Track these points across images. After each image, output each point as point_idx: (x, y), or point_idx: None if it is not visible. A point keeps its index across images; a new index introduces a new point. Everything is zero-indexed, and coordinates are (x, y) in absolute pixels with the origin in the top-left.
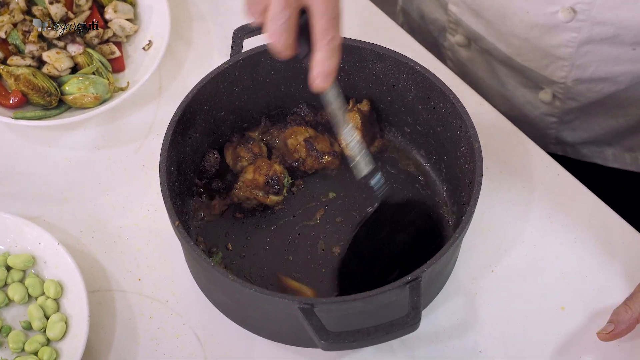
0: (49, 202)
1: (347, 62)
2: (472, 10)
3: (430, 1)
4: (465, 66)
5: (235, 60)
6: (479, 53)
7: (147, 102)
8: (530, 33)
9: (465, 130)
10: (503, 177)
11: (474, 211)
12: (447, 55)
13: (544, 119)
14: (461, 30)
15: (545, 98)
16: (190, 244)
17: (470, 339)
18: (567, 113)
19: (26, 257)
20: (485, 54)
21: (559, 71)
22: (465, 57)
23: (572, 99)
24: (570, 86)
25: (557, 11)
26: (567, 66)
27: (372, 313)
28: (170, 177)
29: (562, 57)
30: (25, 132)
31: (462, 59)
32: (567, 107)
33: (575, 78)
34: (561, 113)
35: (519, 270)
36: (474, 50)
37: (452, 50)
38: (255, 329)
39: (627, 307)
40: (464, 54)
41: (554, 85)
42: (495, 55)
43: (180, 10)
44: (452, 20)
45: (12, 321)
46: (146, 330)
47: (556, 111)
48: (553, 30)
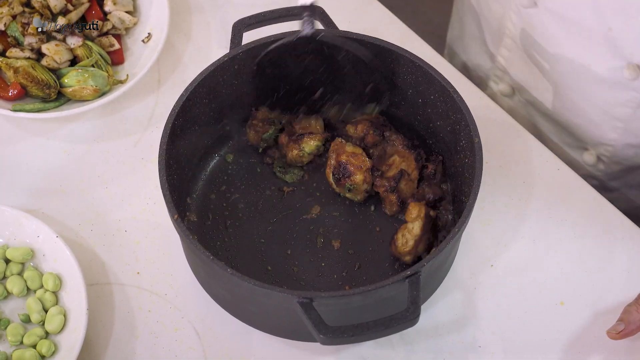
0: (48, 195)
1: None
2: (524, 58)
3: (478, 46)
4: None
5: (234, 53)
6: (523, 105)
7: (146, 94)
8: (588, 88)
9: (465, 124)
10: (503, 172)
11: (473, 206)
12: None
13: (584, 180)
14: (507, 79)
15: (588, 159)
16: (189, 238)
17: (469, 333)
18: (609, 178)
19: (25, 250)
20: (529, 106)
21: (611, 132)
22: (506, 107)
23: (617, 162)
24: (618, 149)
25: (622, 67)
26: (620, 127)
27: (371, 307)
28: (169, 171)
29: (618, 117)
30: (24, 124)
31: (502, 109)
32: (610, 171)
33: (627, 141)
34: (603, 176)
35: (518, 265)
36: (518, 101)
37: (494, 99)
38: (254, 323)
39: (638, 306)
40: (506, 105)
41: (600, 147)
42: (540, 109)
43: (179, 3)
44: (499, 67)
45: (11, 314)
46: (145, 323)
47: (598, 174)
48: (614, 87)
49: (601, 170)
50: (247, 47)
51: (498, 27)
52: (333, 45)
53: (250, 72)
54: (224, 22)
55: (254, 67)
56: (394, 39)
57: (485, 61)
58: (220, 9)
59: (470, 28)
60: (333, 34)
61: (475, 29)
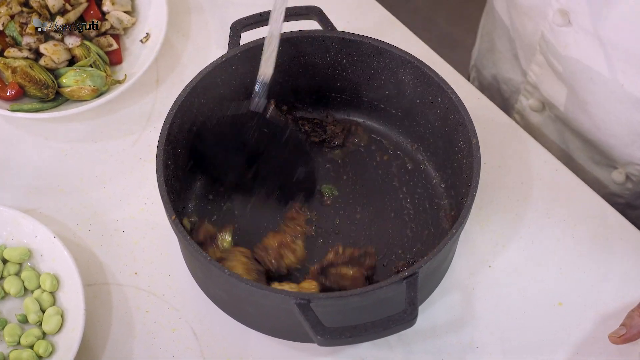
0: (46, 195)
1: (345, 56)
2: (556, 74)
3: (508, 60)
4: (533, 132)
5: (233, 53)
6: (552, 121)
7: (144, 94)
8: (619, 107)
9: (463, 125)
10: (501, 172)
11: (471, 206)
12: (515, 119)
13: (610, 198)
14: (537, 95)
15: (617, 178)
16: (186, 239)
17: (467, 334)
18: (637, 197)
19: (22, 250)
20: (558, 122)
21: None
22: (535, 122)
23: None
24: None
25: None
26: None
27: (368, 308)
28: (166, 171)
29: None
30: (22, 124)
31: (531, 124)
32: (639, 190)
33: None
34: (631, 195)
35: (516, 266)
36: (547, 117)
37: (522, 114)
38: (252, 324)
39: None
40: (535, 120)
41: (630, 166)
42: (570, 125)
43: (178, 3)
44: (529, 82)
45: (8, 314)
46: (142, 324)
47: (626, 192)
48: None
49: (629, 189)
50: (245, 47)
51: (530, 44)
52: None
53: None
54: (222, 22)
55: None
56: (392, 39)
57: (516, 75)
58: (219, 9)
59: (501, 42)
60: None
61: (506, 42)
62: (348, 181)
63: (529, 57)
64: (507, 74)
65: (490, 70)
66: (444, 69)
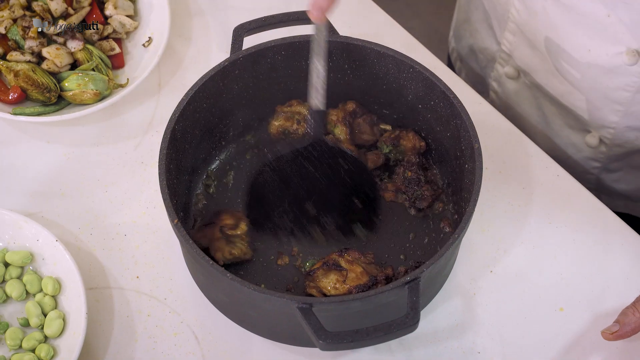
0: (48, 199)
1: (348, 61)
2: (528, 42)
3: (483, 30)
4: (510, 99)
5: (235, 57)
6: (528, 87)
7: (147, 98)
8: (588, 72)
9: (465, 130)
10: (502, 178)
11: (473, 212)
12: (491, 87)
13: (586, 162)
14: (512, 62)
15: (591, 142)
16: (189, 242)
17: (468, 339)
18: (611, 160)
19: (24, 253)
20: (533, 89)
21: (612, 115)
22: (512, 89)
23: (619, 145)
24: (619, 132)
25: (621, 52)
26: (620, 111)
27: (370, 313)
28: (169, 175)
29: (618, 101)
30: (25, 127)
31: (508, 91)
32: (613, 153)
33: (627, 124)
34: (605, 159)
35: (517, 271)
36: (522, 84)
37: (499, 81)
38: (254, 328)
39: (635, 309)
40: (511, 87)
41: (602, 130)
42: (544, 92)
43: (179, 6)
44: (504, 51)
45: (10, 318)
46: (144, 328)
47: (600, 156)
48: (613, 71)
49: (603, 153)
50: (247, 52)
51: (502, 12)
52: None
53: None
54: (224, 26)
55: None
56: (394, 44)
57: (491, 44)
58: (221, 12)
59: (477, 13)
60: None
61: (481, 13)
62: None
63: (502, 26)
64: (483, 43)
65: (467, 40)
66: (445, 74)
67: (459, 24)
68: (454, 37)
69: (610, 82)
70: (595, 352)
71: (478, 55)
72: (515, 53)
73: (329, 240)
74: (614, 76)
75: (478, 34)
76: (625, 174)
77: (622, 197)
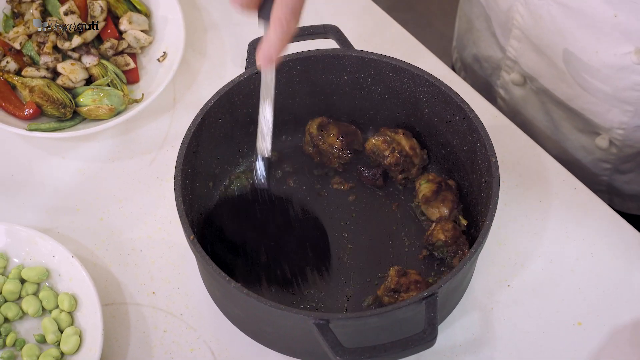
0: (63, 214)
1: (363, 75)
2: (534, 47)
3: (487, 38)
4: (518, 106)
5: (250, 72)
6: (534, 93)
7: (162, 113)
8: (596, 74)
9: (482, 144)
10: (519, 191)
11: (490, 226)
12: (498, 94)
13: (597, 164)
14: (518, 69)
15: (601, 144)
16: (205, 258)
17: (486, 354)
18: (622, 161)
19: (40, 269)
20: (541, 94)
21: (621, 116)
22: (518, 96)
23: (629, 145)
24: (629, 132)
25: (629, 52)
26: (630, 111)
27: (387, 328)
28: (184, 190)
29: (627, 101)
30: (40, 143)
31: (515, 98)
32: (623, 154)
33: (637, 124)
34: (616, 160)
35: (535, 285)
36: (529, 90)
37: (506, 88)
38: (270, 343)
39: None
40: (518, 93)
41: (612, 131)
42: (552, 96)
43: (194, 21)
44: (509, 58)
45: (26, 334)
46: (160, 344)
47: (611, 158)
48: (622, 72)
49: (614, 154)
50: None
51: (506, 19)
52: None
53: None
54: (239, 40)
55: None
56: (409, 57)
57: (495, 52)
58: (235, 27)
59: (479, 21)
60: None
61: (483, 21)
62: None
63: (506, 33)
64: (487, 52)
65: (470, 50)
66: (461, 87)
67: (461, 33)
68: (457, 47)
69: (619, 83)
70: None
71: (483, 63)
72: (521, 59)
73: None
74: (623, 76)
75: (481, 42)
76: (637, 175)
77: (634, 199)
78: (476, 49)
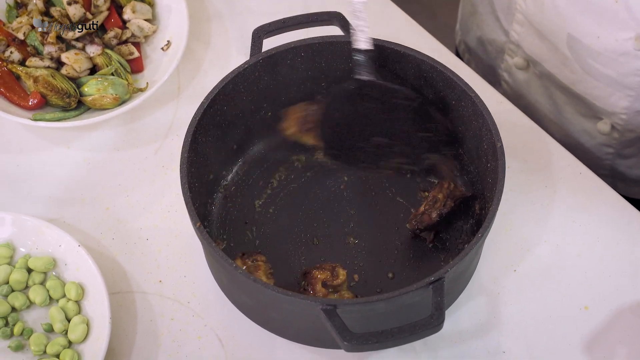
0: (69, 204)
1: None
2: (536, 32)
3: (491, 21)
4: (521, 89)
5: (255, 60)
6: (538, 77)
7: (166, 102)
8: (598, 59)
9: (487, 129)
10: (525, 176)
11: (496, 211)
12: (502, 77)
13: (600, 149)
14: (521, 53)
15: (603, 129)
16: (212, 246)
17: (493, 339)
18: (624, 146)
19: (47, 259)
20: (544, 78)
21: (623, 101)
22: (522, 80)
23: (631, 130)
24: (631, 117)
25: (630, 38)
26: (632, 96)
27: (395, 313)
28: (190, 178)
29: (629, 86)
30: (45, 133)
31: (518, 81)
32: (625, 139)
33: (639, 109)
34: (618, 145)
35: (541, 270)
36: (532, 74)
37: (509, 72)
38: (277, 330)
39: None
40: (521, 77)
41: (613, 116)
42: (555, 81)
43: (198, 10)
44: (512, 42)
45: (34, 324)
46: (167, 332)
47: (614, 142)
48: (623, 57)
49: (616, 139)
50: (267, 54)
51: (509, 4)
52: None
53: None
54: (242, 28)
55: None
56: (414, 44)
57: (499, 36)
58: (239, 16)
59: (483, 5)
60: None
61: (487, 5)
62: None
63: (509, 17)
64: (491, 35)
65: (474, 33)
66: (466, 73)
67: (465, 16)
68: (461, 30)
69: (620, 68)
70: (620, 350)
71: (487, 46)
72: (523, 43)
73: None
74: (624, 62)
75: (485, 25)
76: (638, 161)
77: (638, 183)
78: (480, 32)
